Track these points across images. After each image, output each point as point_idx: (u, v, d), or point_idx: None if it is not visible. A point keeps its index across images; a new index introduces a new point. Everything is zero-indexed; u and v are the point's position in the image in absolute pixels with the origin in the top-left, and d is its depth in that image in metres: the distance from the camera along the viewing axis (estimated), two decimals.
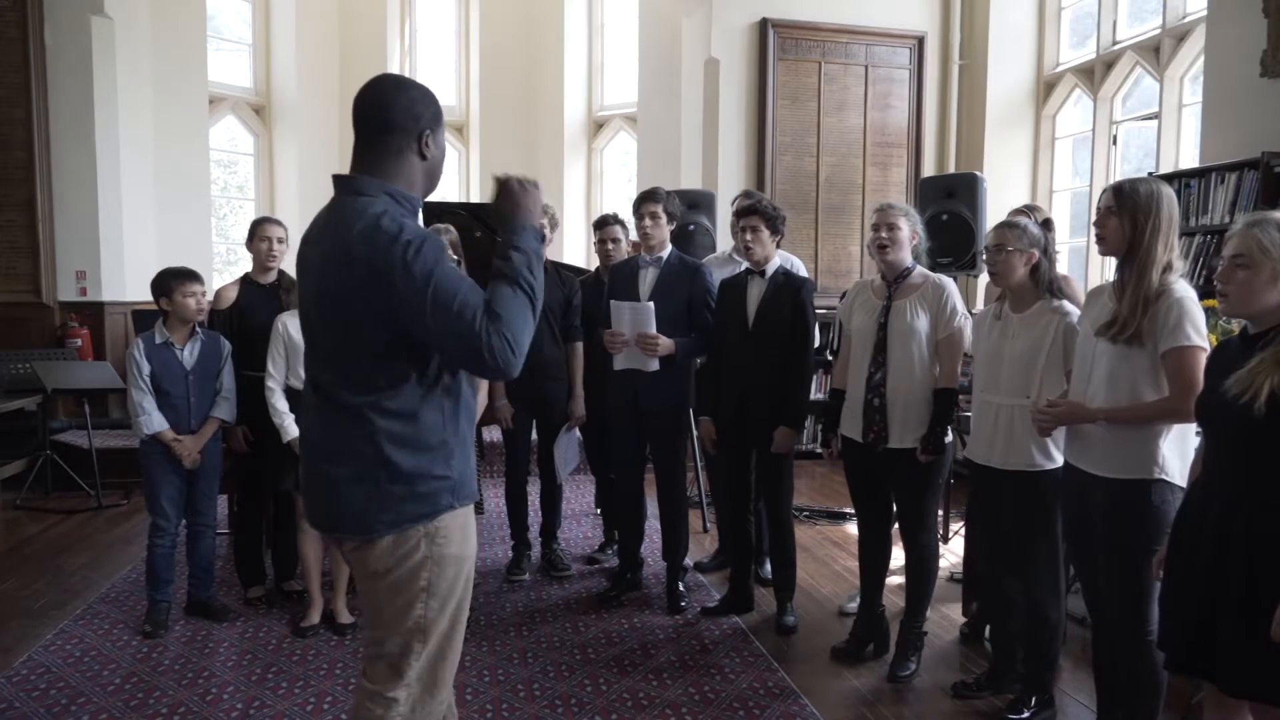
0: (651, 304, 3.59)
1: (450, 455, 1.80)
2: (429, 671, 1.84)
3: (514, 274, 1.72)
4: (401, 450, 1.74)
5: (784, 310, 3.50)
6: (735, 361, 3.56)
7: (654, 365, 3.61)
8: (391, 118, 1.78)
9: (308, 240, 1.86)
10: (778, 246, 3.64)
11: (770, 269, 3.56)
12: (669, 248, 3.82)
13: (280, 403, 3.50)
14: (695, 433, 4.88)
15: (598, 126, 8.94)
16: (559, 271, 4.14)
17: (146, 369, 3.46)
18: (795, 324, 3.50)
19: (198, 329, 3.57)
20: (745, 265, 3.64)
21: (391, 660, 1.81)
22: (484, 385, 4.04)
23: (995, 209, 5.16)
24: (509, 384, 4.07)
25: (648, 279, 3.77)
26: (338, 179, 1.83)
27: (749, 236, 3.52)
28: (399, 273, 1.65)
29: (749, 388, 3.52)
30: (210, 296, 3.74)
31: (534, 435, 4.25)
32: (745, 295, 3.57)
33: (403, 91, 1.81)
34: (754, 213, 3.54)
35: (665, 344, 3.58)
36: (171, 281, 3.49)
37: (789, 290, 3.53)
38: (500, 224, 1.81)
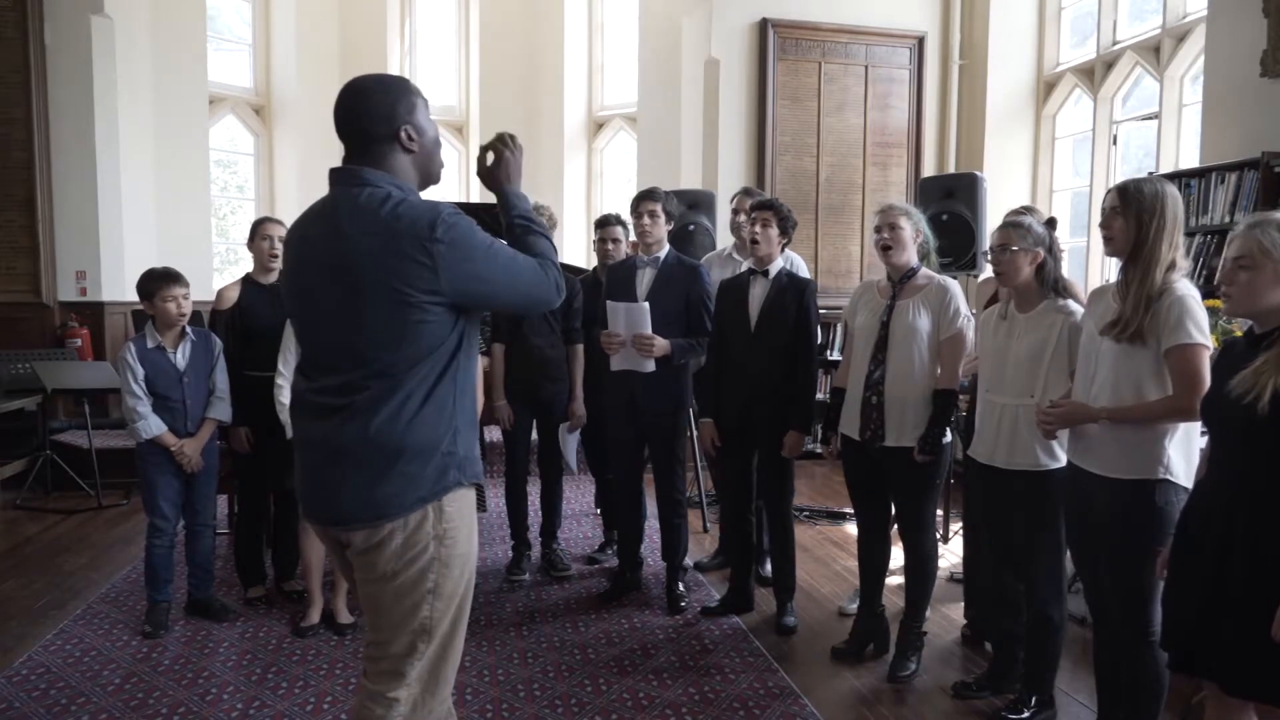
0: (647, 305, 3.58)
1: (457, 432, 1.81)
2: (431, 671, 1.83)
3: (538, 228, 1.93)
4: (416, 430, 1.74)
5: (789, 312, 3.49)
6: (738, 363, 3.55)
7: (649, 366, 3.60)
8: (367, 128, 1.78)
9: (309, 240, 1.82)
10: (783, 250, 3.64)
11: (774, 269, 3.56)
12: (667, 247, 3.81)
13: (288, 399, 3.49)
14: (694, 433, 4.89)
15: (598, 126, 8.93)
16: None
17: (140, 373, 3.44)
18: (799, 326, 3.49)
19: (187, 329, 3.54)
20: (746, 265, 3.62)
21: (394, 662, 1.80)
22: (483, 385, 4.04)
23: (995, 209, 5.16)
24: (509, 384, 4.08)
25: (645, 279, 3.76)
26: (338, 171, 1.82)
27: (758, 229, 3.50)
28: (459, 242, 1.71)
29: (752, 389, 3.51)
30: (194, 298, 3.70)
31: (534, 435, 4.25)
32: (747, 296, 3.56)
33: (366, 97, 1.79)
34: (770, 208, 3.54)
35: (660, 345, 3.57)
36: (151, 285, 3.46)
37: (793, 292, 3.52)
38: (499, 188, 1.95)
